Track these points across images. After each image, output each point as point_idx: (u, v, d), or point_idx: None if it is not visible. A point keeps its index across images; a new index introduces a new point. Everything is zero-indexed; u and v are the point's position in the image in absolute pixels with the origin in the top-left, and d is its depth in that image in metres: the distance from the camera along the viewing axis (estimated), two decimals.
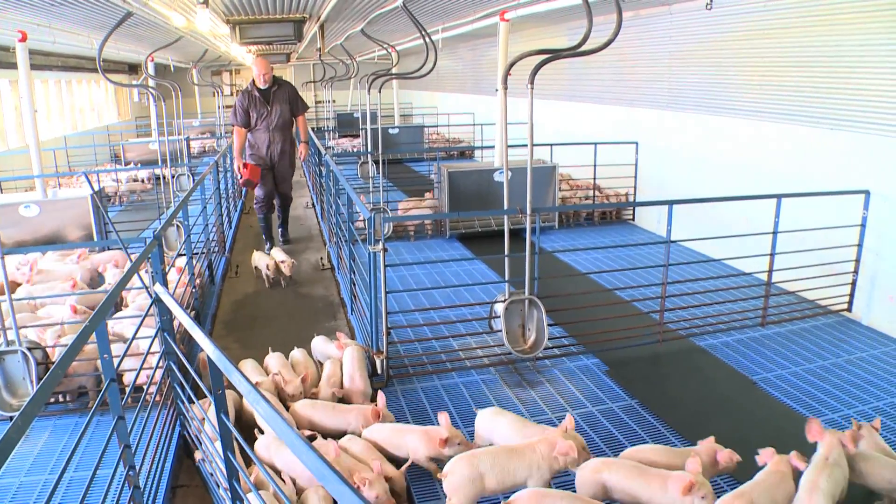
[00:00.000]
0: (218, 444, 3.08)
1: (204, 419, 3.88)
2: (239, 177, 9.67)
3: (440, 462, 4.10)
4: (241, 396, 4.65)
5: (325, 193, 10.11)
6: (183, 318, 3.20)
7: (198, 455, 4.37)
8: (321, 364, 5.54)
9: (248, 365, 5.35)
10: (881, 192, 6.51)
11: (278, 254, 8.75)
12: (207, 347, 2.71)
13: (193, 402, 3.90)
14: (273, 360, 5.46)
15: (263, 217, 10.11)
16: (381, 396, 4.69)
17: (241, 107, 9.48)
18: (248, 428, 4.60)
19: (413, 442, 4.21)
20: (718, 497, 3.51)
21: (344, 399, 5.00)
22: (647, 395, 5.31)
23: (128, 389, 3.95)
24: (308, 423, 4.63)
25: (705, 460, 3.81)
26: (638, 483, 3.60)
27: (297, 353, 5.66)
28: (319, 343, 5.74)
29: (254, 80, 9.47)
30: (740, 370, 5.74)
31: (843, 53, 6.93)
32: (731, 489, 3.61)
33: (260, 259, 8.80)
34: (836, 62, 7.02)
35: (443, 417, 4.15)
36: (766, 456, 3.79)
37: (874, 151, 6.66)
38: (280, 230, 10.80)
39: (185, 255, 6.79)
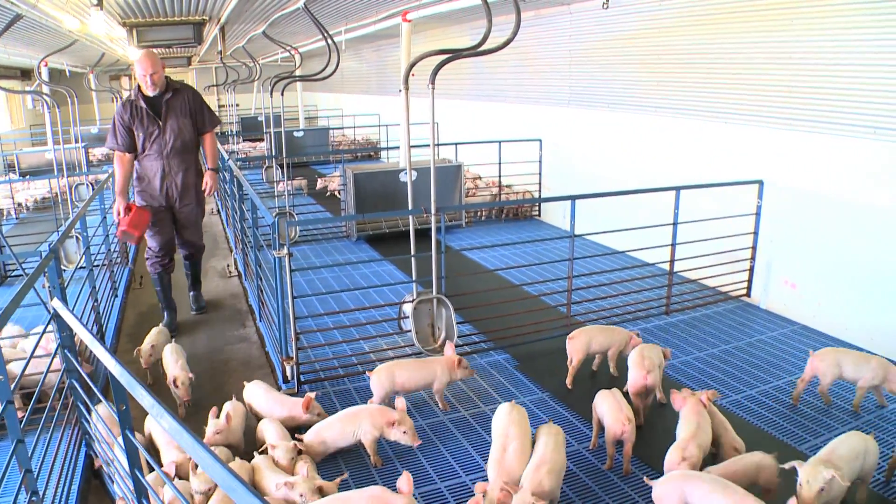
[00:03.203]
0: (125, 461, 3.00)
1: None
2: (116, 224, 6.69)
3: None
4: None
5: (229, 199, 9.89)
6: (83, 334, 3.10)
7: (97, 462, 4.30)
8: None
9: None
10: (774, 181, 6.78)
11: (172, 362, 5.35)
12: (109, 363, 2.64)
13: (100, 422, 3.79)
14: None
15: (159, 276, 7.10)
16: (450, 346, 5.15)
17: (120, 123, 6.58)
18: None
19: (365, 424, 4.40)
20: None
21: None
22: (557, 387, 5.39)
23: (27, 411, 3.80)
24: (392, 384, 4.92)
25: None
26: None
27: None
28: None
29: (139, 86, 6.57)
30: None
31: (733, 50, 7.19)
32: None
33: (152, 339, 5.87)
34: (728, 59, 7.27)
35: (400, 402, 4.49)
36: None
37: (766, 143, 6.93)
38: (191, 293, 7.73)
39: (85, 267, 6.58)
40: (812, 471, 3.35)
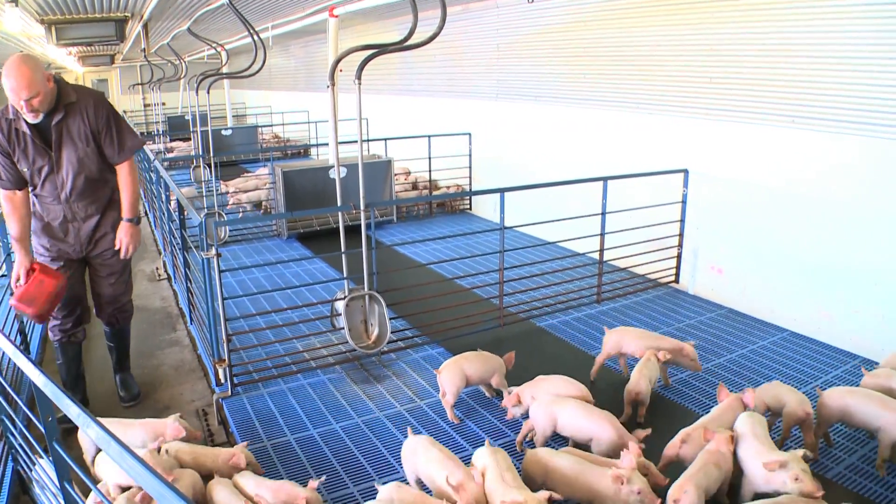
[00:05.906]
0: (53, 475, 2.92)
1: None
2: (11, 293, 4.79)
3: None
4: None
5: (156, 200, 9.69)
6: (5, 345, 3.00)
7: None
8: None
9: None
10: (698, 170, 6.92)
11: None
12: (32, 373, 2.56)
13: (26, 436, 3.67)
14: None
15: (61, 347, 5.13)
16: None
17: None
18: None
19: None
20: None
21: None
22: None
23: None
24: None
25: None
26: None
27: None
28: None
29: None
30: (580, 347, 5.96)
31: (656, 43, 7.34)
32: None
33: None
34: (651, 51, 7.41)
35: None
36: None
37: (690, 133, 7.08)
38: (116, 377, 5.58)
39: (7, 275, 6.37)
40: (798, 462, 3.31)
